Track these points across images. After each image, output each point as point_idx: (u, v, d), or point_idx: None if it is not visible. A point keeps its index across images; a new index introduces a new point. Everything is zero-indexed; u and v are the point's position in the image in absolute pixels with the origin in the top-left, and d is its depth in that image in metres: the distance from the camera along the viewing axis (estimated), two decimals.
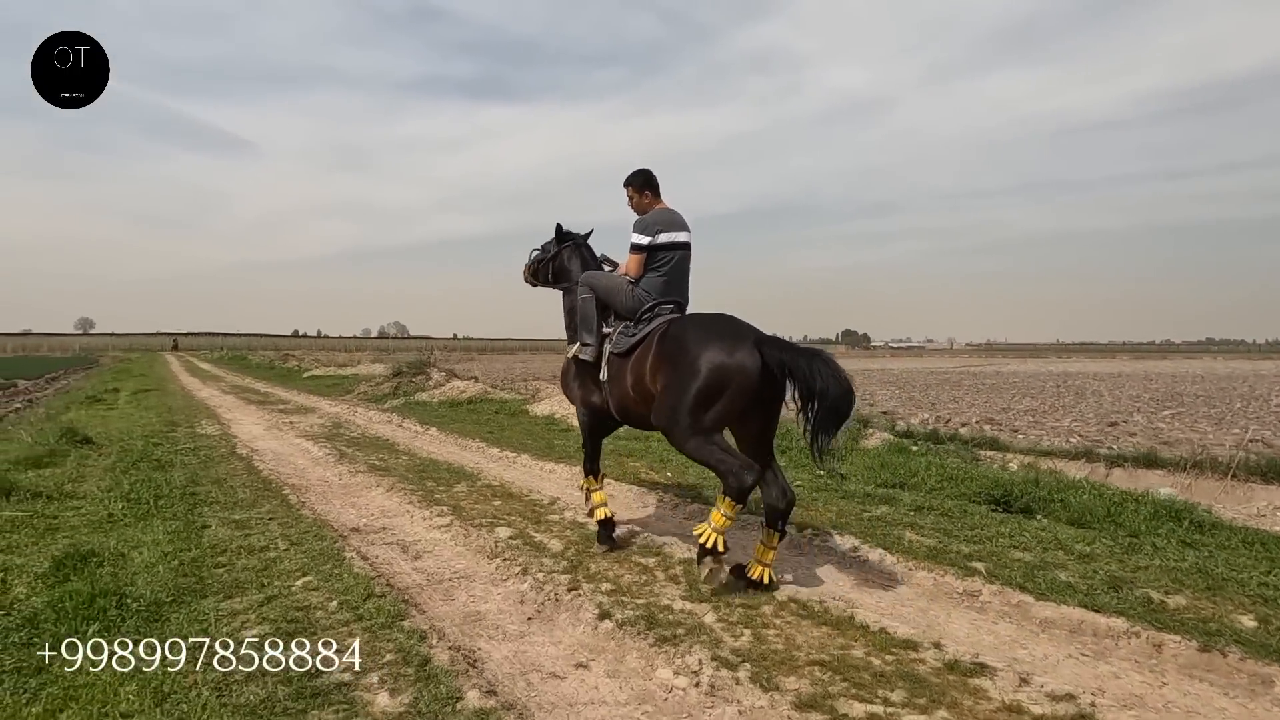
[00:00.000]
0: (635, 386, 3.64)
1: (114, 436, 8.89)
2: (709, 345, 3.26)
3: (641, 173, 4.00)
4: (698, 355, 3.24)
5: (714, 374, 3.19)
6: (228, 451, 7.64)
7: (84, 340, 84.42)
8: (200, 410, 12.21)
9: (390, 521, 4.69)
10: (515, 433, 8.81)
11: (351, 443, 8.27)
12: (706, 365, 3.20)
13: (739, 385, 3.20)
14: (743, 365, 3.19)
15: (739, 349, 3.23)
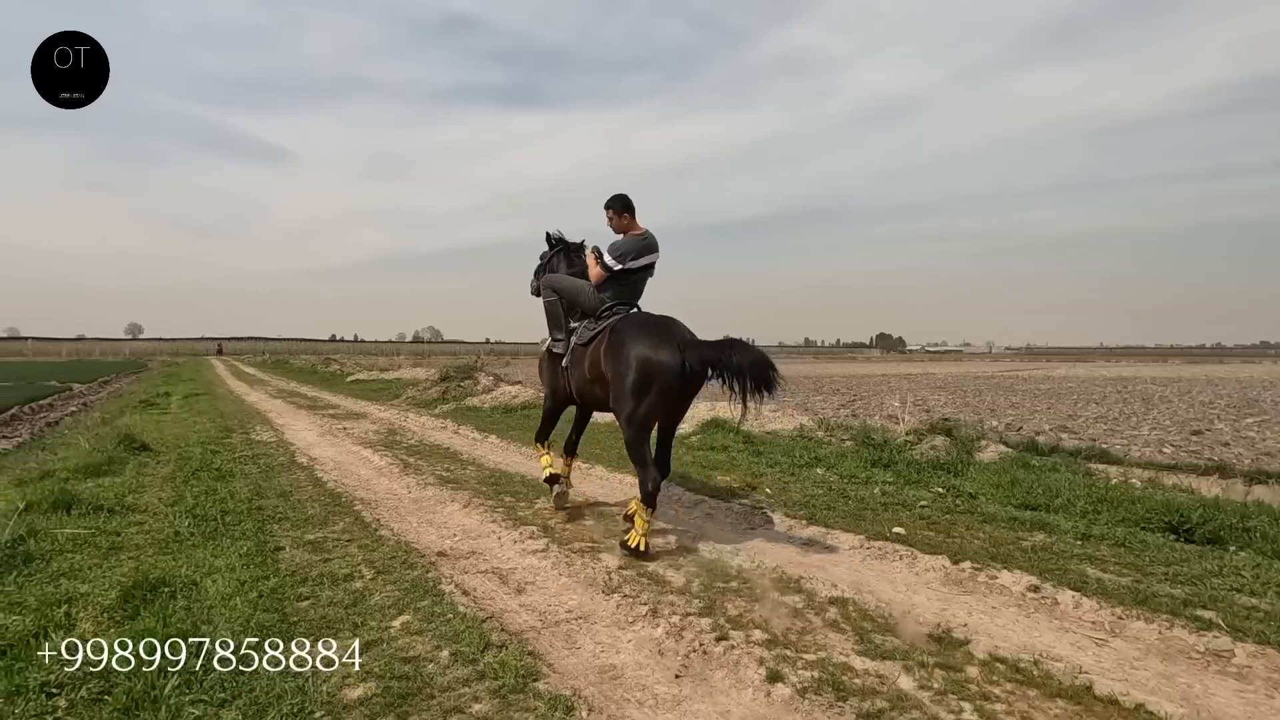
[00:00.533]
0: (590, 371, 4.29)
1: (170, 443, 8.61)
2: (641, 343, 3.86)
3: (620, 197, 4.47)
4: (630, 351, 3.87)
5: (642, 368, 3.80)
6: (287, 460, 7.27)
7: (134, 345, 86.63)
8: (252, 415, 11.96)
9: (478, 544, 4.19)
10: None
11: (412, 451, 7.85)
12: (636, 360, 3.82)
13: (662, 379, 3.77)
14: (664, 362, 3.76)
15: (663, 348, 3.80)
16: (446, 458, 7.37)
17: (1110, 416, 14.67)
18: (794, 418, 9.34)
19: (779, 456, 6.81)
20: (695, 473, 6.25)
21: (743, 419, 3.87)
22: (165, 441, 8.82)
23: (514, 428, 9.56)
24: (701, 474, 6.19)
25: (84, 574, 3.65)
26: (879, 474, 5.81)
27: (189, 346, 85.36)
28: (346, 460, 7.37)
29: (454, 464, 7.01)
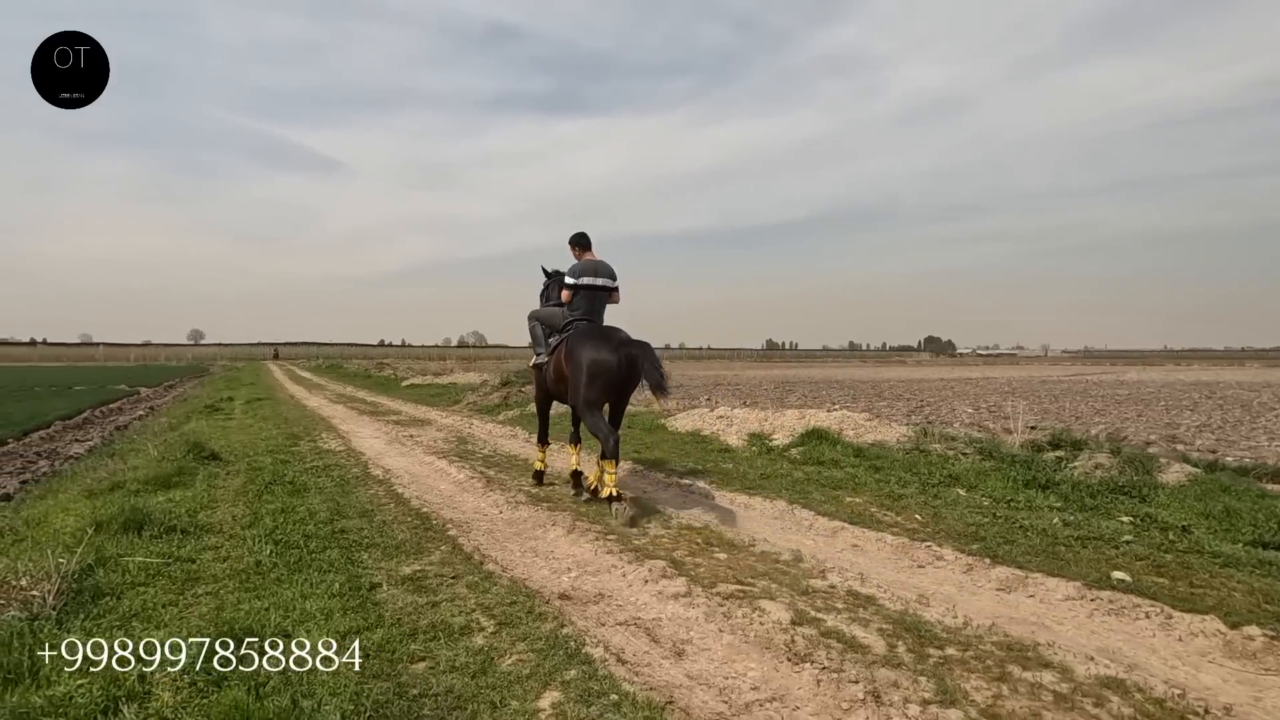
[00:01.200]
0: (555, 371, 5.48)
1: (238, 451, 8.23)
2: (586, 347, 4.96)
3: (578, 235, 5.61)
4: (579, 353, 4.98)
5: (590, 366, 4.88)
6: (361, 473, 6.76)
7: (195, 350, 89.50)
8: (316, 421, 11.62)
9: (602, 584, 3.53)
10: (666, 452, 7.62)
11: (490, 463, 7.27)
12: (585, 360, 4.91)
13: (604, 373, 4.87)
14: (604, 359, 4.87)
15: (604, 350, 4.89)
16: (529, 471, 6.76)
17: (1214, 425, 13.36)
18: (891, 427, 8.50)
19: (901, 473, 6.00)
20: (818, 492, 5.49)
21: (661, 403, 5.44)
22: (233, 450, 8.45)
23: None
24: (825, 494, 5.44)
25: (158, 614, 3.10)
26: (1039, 497, 4.97)
27: (247, 351, 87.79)
28: (423, 473, 6.82)
29: None
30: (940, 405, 18.68)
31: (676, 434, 8.71)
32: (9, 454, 12.77)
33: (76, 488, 6.69)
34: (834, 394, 22.94)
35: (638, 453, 7.62)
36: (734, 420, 8.73)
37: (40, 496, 7.49)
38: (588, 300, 5.44)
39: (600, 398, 5.01)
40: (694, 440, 8.23)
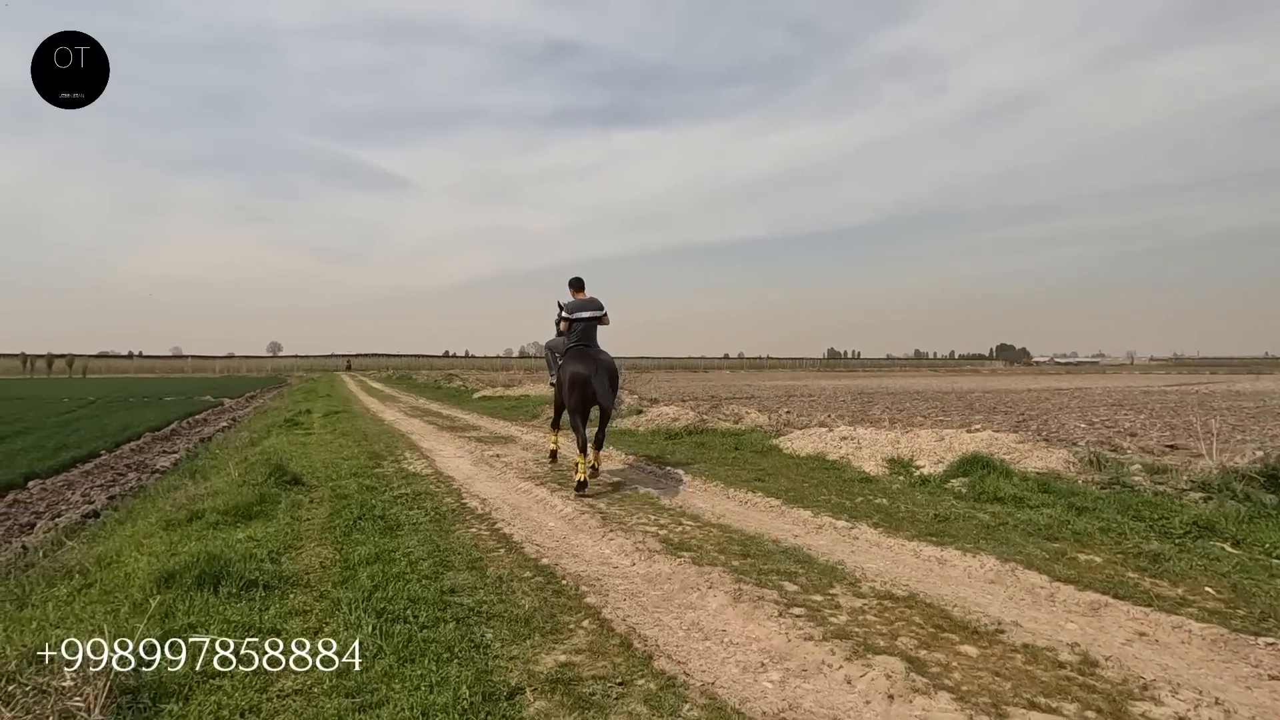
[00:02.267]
0: (558, 387, 7.09)
1: (321, 473, 7.56)
2: (570, 365, 6.64)
3: (574, 279, 7.14)
4: (565, 369, 6.70)
5: (570, 378, 6.58)
6: (455, 504, 5.91)
7: (274, 362, 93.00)
8: (396, 438, 10.97)
9: (826, 698, 2.48)
10: (794, 481, 6.53)
11: (596, 494, 6.32)
12: (567, 374, 6.63)
13: (579, 385, 6.52)
14: (580, 373, 6.52)
15: (581, 366, 6.55)
16: (647, 504, 5.78)
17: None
18: (1051, 451, 7.16)
19: (1116, 516, 4.74)
20: (1029, 544, 4.27)
21: (612, 414, 7.17)
22: (315, 470, 7.79)
23: (695, 460, 7.91)
24: (1042, 547, 4.23)
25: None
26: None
27: (321, 363, 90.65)
28: (524, 504, 5.93)
29: (660, 514, 5.39)
30: (1046, 419, 16.89)
31: (796, 458, 7.60)
32: (101, 466, 12.70)
33: (155, 514, 6.09)
34: (920, 406, 21.28)
35: (761, 481, 6.55)
36: (861, 442, 7.56)
37: (120, 521, 6.96)
38: (582, 329, 6.90)
39: (579, 403, 6.54)
40: (821, 466, 7.10)
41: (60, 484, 10.71)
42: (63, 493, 10.21)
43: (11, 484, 10.17)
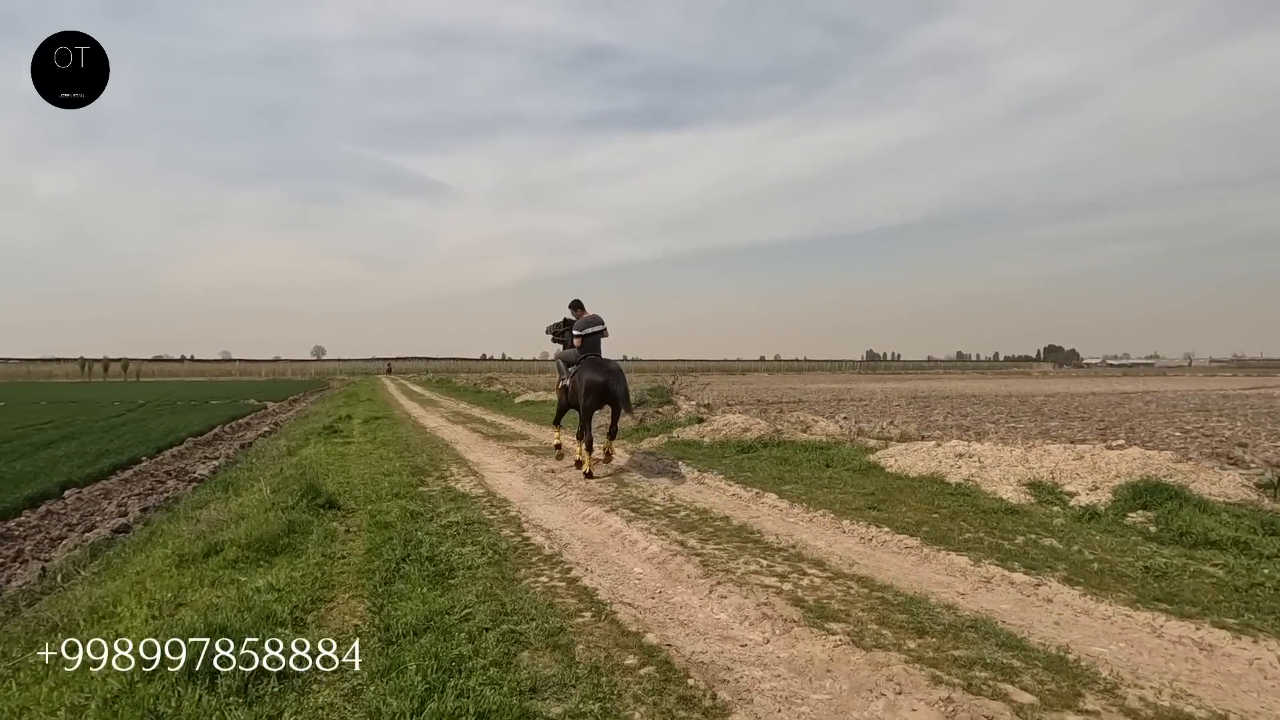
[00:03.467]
0: (572, 388, 8.04)
1: (359, 492, 6.62)
2: (586, 372, 7.51)
3: (574, 301, 8.49)
4: (581, 376, 7.59)
5: (586, 384, 7.43)
6: (516, 537, 4.88)
7: (317, 365, 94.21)
8: (440, 448, 10.04)
9: None
10: (916, 511, 5.33)
11: (680, 523, 5.21)
12: (584, 381, 7.47)
13: (596, 389, 7.38)
14: (596, 380, 7.36)
15: (596, 374, 7.41)
16: (745, 541, 4.65)
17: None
18: (1221, 473, 5.83)
19: None
20: None
21: (620, 418, 7.88)
22: (353, 487, 6.87)
23: (787, 479, 6.74)
24: None
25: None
26: None
27: (362, 366, 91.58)
28: (595, 537, 4.87)
29: (771, 556, 4.26)
30: (1131, 426, 15.28)
31: (906, 479, 6.39)
32: (141, 473, 12.09)
33: (172, 543, 5.20)
34: (984, 412, 19.71)
35: (876, 510, 5.37)
36: (983, 460, 6.32)
37: (139, 545, 6.14)
38: (590, 343, 7.90)
39: (594, 404, 7.46)
40: (942, 491, 5.88)
41: (98, 493, 10.09)
42: (99, 502, 9.56)
43: (47, 494, 9.55)
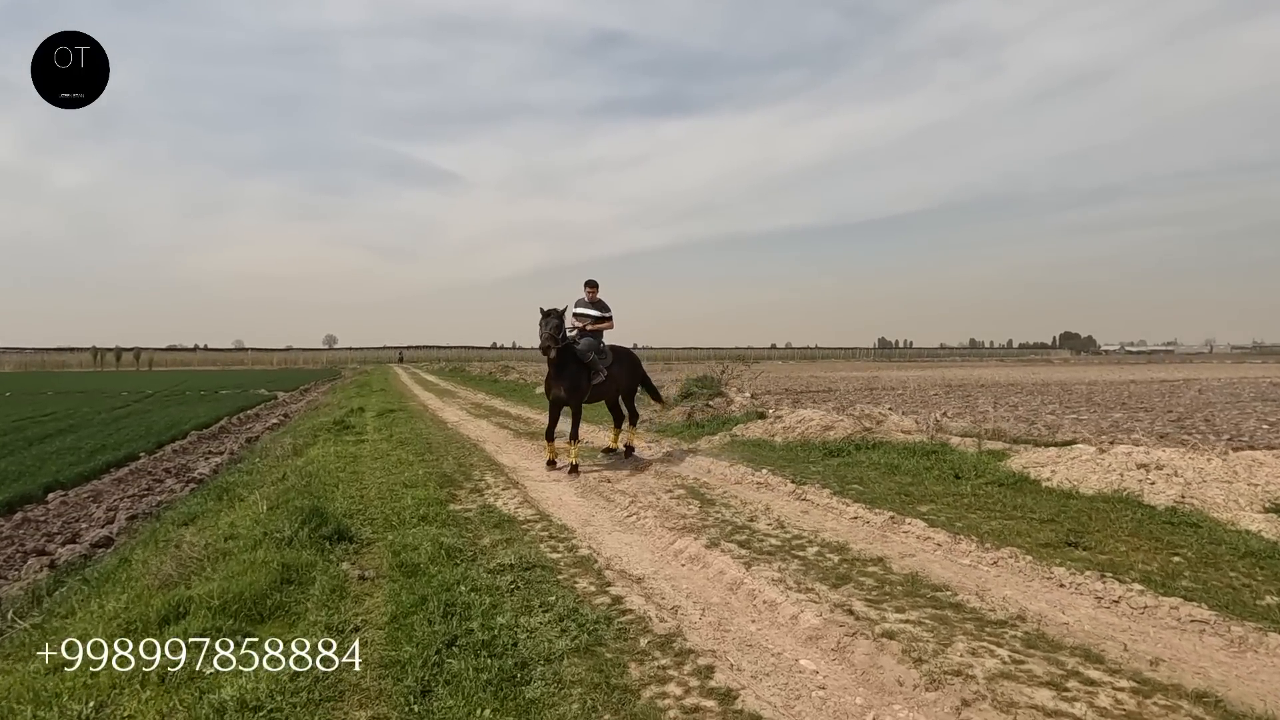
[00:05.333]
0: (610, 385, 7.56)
1: (376, 513, 5.17)
2: (629, 360, 7.81)
3: (591, 281, 7.49)
4: (626, 363, 7.74)
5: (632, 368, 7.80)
6: (604, 602, 3.39)
7: (329, 354, 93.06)
8: (467, 450, 8.57)
9: None
10: (1143, 550, 3.82)
11: (825, 573, 3.71)
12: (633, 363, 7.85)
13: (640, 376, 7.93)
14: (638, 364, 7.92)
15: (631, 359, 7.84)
16: (935, 604, 3.15)
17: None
18: None
19: None
20: None
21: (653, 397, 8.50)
22: (368, 505, 5.42)
23: (914, 496, 5.23)
24: None
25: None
26: None
27: (374, 355, 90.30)
28: (715, 597, 3.39)
29: (1000, 639, 2.76)
30: (1207, 417, 13.69)
31: (1082, 498, 4.85)
32: (137, 471, 10.65)
33: (126, 596, 3.75)
34: (1030, 401, 18.08)
35: (1075, 546, 3.84)
36: (1179, 473, 4.79)
37: (103, 579, 4.70)
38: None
39: (631, 386, 7.92)
40: (1148, 517, 4.34)
41: (86, 495, 8.68)
42: (86, 506, 8.13)
43: (28, 497, 8.11)
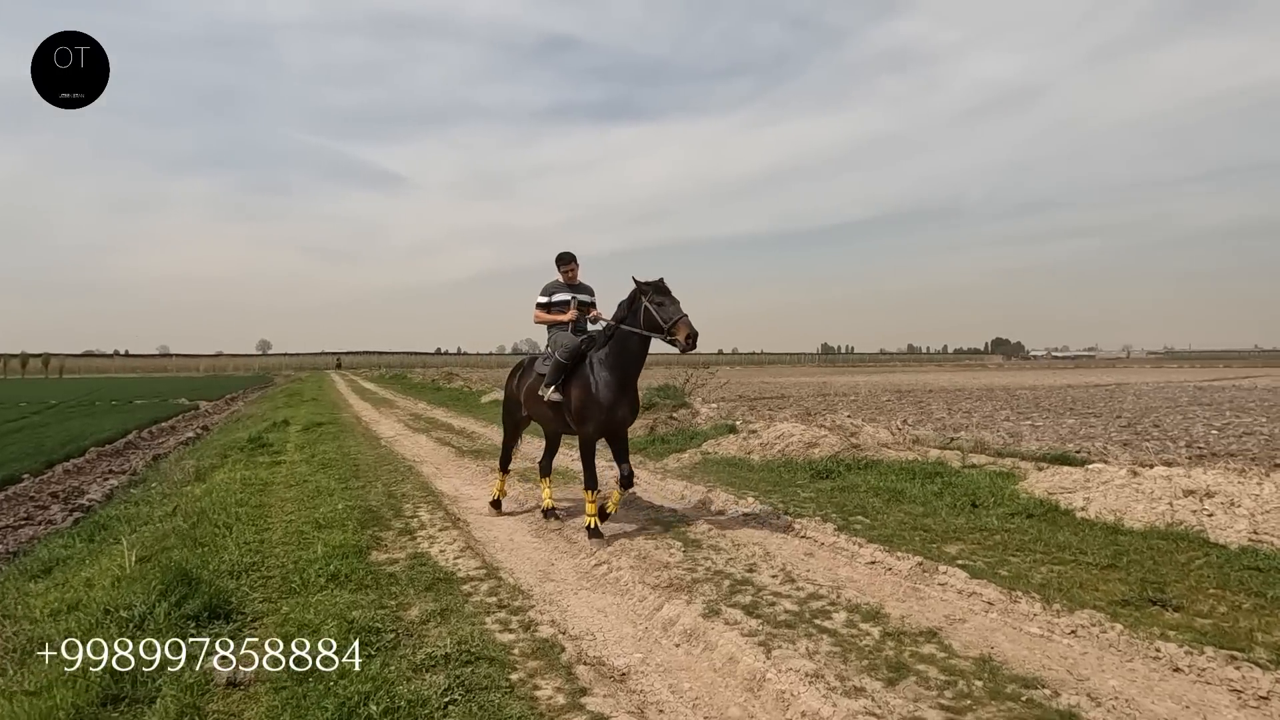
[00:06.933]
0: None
1: (274, 570, 4.00)
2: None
3: (568, 255, 5.09)
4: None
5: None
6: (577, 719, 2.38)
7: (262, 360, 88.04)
8: (400, 473, 7.33)
9: None
10: (1240, 610, 3.07)
11: (869, 657, 2.78)
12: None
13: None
14: None
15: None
16: (1036, 713, 2.29)
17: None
18: None
19: None
20: None
21: None
22: (265, 558, 4.23)
23: (938, 535, 4.38)
24: None
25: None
26: None
27: (310, 361, 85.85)
28: (733, 709, 2.42)
29: None
30: (1155, 422, 13.68)
31: (1134, 535, 4.09)
32: (15, 497, 8.97)
33: None
34: (984, 407, 17.94)
35: (1159, 604, 3.07)
36: (1234, 500, 4.11)
37: None
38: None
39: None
40: (1228, 562, 3.60)
41: None
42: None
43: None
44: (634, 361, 4.55)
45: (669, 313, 4.32)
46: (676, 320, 4.30)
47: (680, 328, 4.28)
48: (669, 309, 4.34)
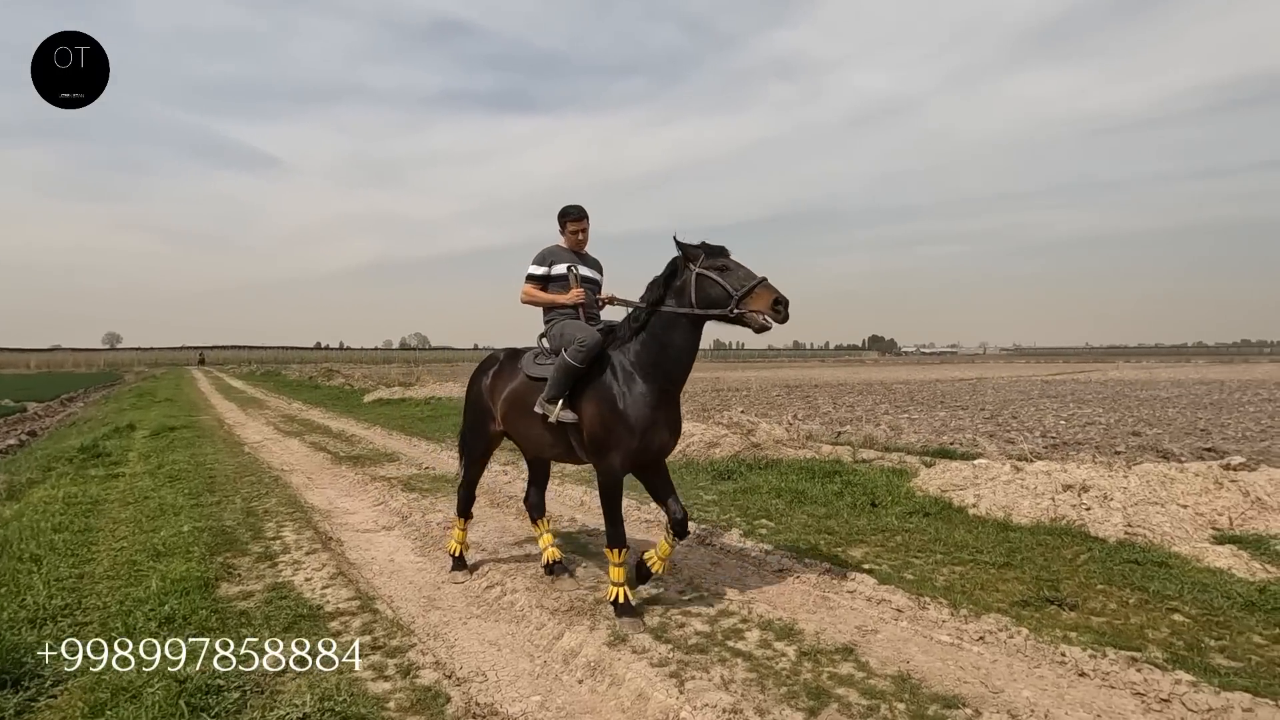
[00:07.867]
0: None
1: (93, 620, 3.27)
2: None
3: (577, 209, 3.78)
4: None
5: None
6: None
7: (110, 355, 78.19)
8: (265, 485, 6.49)
9: None
10: (1127, 607, 3.17)
11: (801, 691, 2.55)
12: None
13: None
14: None
15: None
16: None
17: None
18: None
19: None
20: None
21: None
22: (85, 597, 3.58)
23: (842, 539, 4.35)
24: None
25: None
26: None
27: (169, 356, 77.21)
28: None
29: None
30: (1014, 414, 15.02)
31: (1023, 530, 4.21)
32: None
33: None
34: (867, 402, 19.01)
35: (1055, 604, 3.11)
36: (1108, 494, 4.35)
37: None
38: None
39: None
40: (1110, 556, 3.75)
41: None
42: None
43: None
44: (678, 361, 3.24)
45: (737, 278, 3.04)
46: (753, 286, 3.00)
47: (759, 295, 2.99)
48: (736, 273, 3.07)
